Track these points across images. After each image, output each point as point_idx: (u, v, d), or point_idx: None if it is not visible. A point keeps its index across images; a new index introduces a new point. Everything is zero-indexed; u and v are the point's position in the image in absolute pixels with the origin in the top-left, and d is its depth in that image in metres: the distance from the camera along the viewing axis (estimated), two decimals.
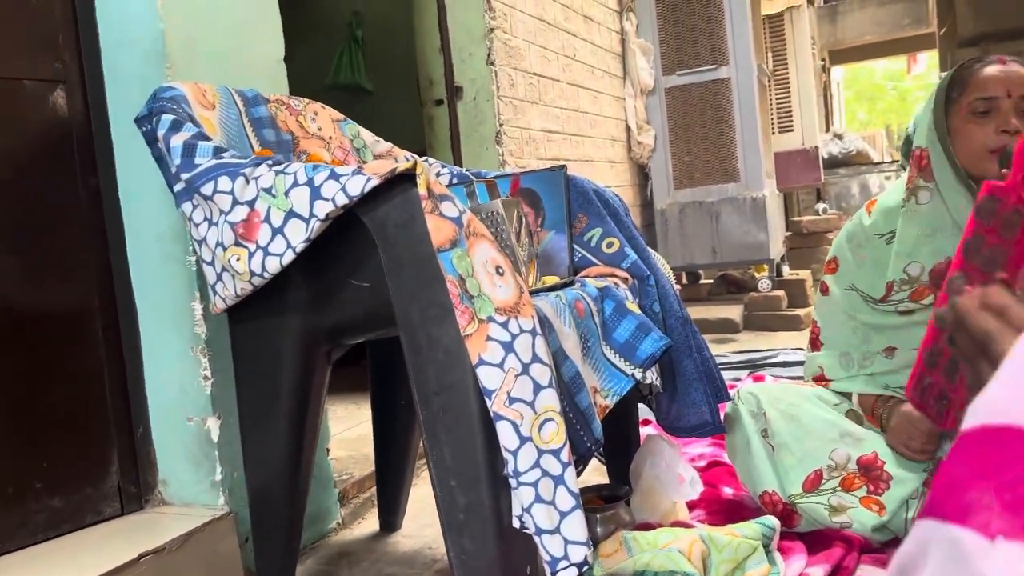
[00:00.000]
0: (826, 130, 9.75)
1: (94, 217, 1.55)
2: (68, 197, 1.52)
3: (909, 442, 1.51)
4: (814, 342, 1.74)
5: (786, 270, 4.91)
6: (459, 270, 1.11)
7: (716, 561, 1.34)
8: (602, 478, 1.90)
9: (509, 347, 1.10)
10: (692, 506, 1.71)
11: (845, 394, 1.65)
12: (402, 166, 1.12)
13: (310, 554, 1.69)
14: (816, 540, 1.51)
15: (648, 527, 1.53)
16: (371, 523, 1.85)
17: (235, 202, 1.22)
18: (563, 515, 1.11)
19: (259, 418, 1.38)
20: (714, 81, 4.29)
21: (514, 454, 1.09)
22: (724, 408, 1.68)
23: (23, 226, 1.46)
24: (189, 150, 1.27)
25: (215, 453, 1.54)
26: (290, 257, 1.19)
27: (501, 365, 1.10)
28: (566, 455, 1.12)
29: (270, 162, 1.24)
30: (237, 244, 1.23)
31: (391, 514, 1.79)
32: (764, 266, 4.39)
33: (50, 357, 1.47)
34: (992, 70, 1.42)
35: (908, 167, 1.54)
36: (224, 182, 1.22)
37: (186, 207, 1.29)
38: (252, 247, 1.22)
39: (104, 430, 1.54)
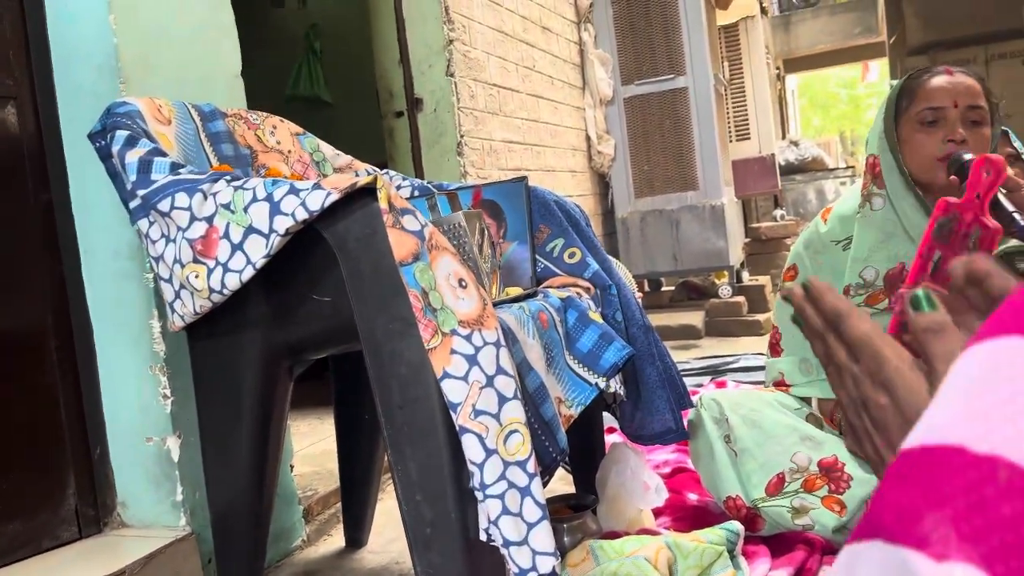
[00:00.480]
0: (782, 137, 9.93)
1: (47, 233, 1.52)
2: (19, 213, 1.49)
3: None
4: (774, 348, 1.77)
5: (746, 276, 4.98)
6: (421, 284, 1.11)
7: (682, 567, 1.35)
8: (569, 487, 1.90)
9: (473, 360, 1.10)
10: (658, 513, 1.72)
11: (805, 399, 1.68)
12: (363, 180, 1.12)
13: (275, 573, 1.67)
14: (780, 543, 1.53)
15: (615, 535, 1.54)
16: (337, 539, 1.83)
17: (193, 218, 1.21)
18: (530, 526, 1.11)
19: (220, 436, 1.36)
20: (672, 91, 4.34)
21: (480, 467, 1.09)
22: (687, 415, 1.70)
23: None
24: (145, 166, 1.25)
25: (176, 473, 1.51)
26: (250, 273, 1.18)
27: (465, 378, 1.10)
28: (532, 466, 1.12)
29: (228, 177, 1.22)
30: (196, 261, 1.21)
31: (357, 530, 1.77)
32: (724, 273, 4.45)
33: (1, 378, 1.44)
34: (939, 81, 1.46)
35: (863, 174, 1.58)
36: (181, 198, 1.21)
37: (142, 224, 1.27)
38: (211, 264, 1.20)
39: (60, 452, 1.51)
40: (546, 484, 1.26)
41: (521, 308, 1.34)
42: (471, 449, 1.09)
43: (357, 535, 1.78)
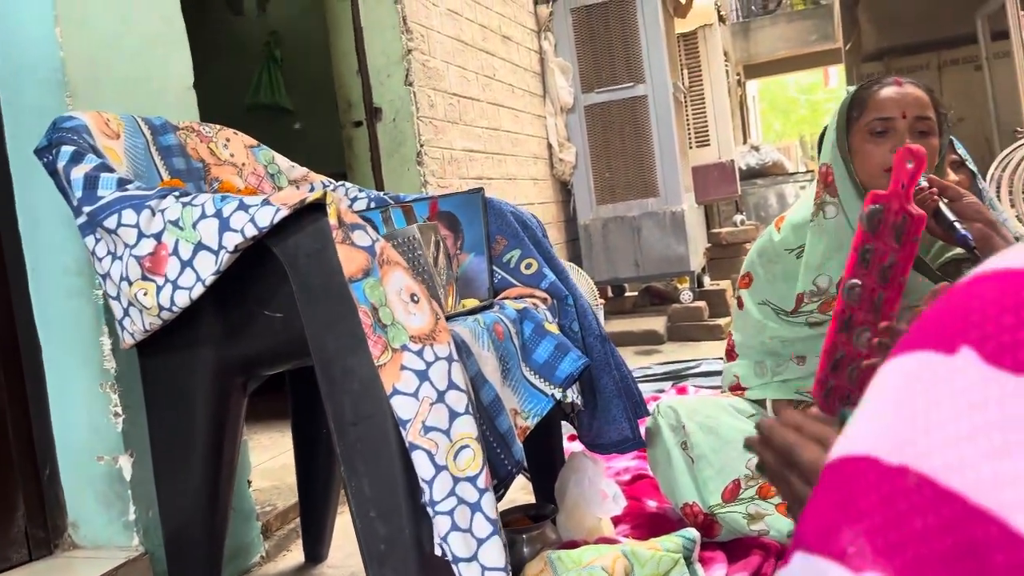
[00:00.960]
0: (743, 142, 10.06)
1: None
2: None
3: None
4: (730, 353, 1.79)
5: (707, 281, 5.03)
6: (371, 300, 1.11)
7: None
8: (530, 497, 1.91)
9: (424, 375, 1.10)
10: (617, 521, 1.73)
11: (760, 401, 1.70)
12: (311, 196, 1.11)
13: None
14: (736, 548, 1.55)
15: (574, 545, 1.54)
16: (296, 555, 1.81)
17: (141, 235, 1.19)
18: (480, 542, 1.11)
19: (173, 454, 1.34)
20: (631, 98, 4.38)
21: (430, 483, 1.09)
22: (644, 423, 1.71)
23: None
24: (91, 182, 1.24)
25: (128, 492, 1.49)
26: (200, 291, 1.17)
27: (415, 394, 1.10)
28: (483, 481, 1.12)
29: (177, 193, 1.21)
30: (144, 278, 1.20)
31: (316, 545, 1.76)
32: (685, 278, 4.49)
33: None
34: (888, 92, 1.48)
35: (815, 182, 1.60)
36: (128, 215, 1.19)
37: (89, 241, 1.25)
38: (160, 281, 1.19)
39: (8, 473, 1.48)
40: (501, 497, 1.26)
41: (476, 320, 1.35)
42: (421, 466, 1.09)
43: (316, 550, 1.76)
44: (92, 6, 1.54)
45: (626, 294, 5.05)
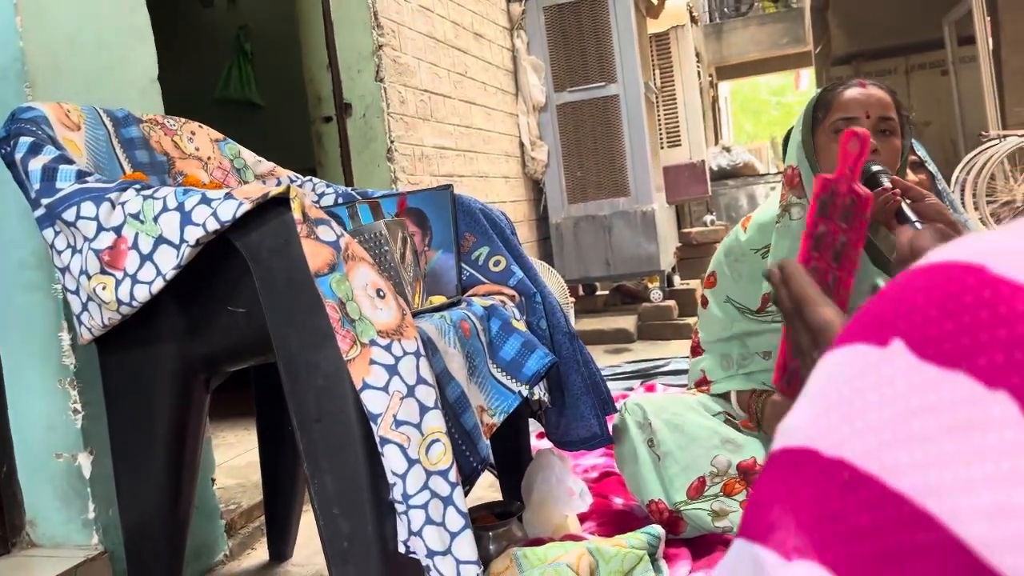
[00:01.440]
0: (715, 143, 10.14)
1: None
2: None
3: None
4: (695, 349, 1.81)
5: (677, 280, 5.07)
6: (338, 294, 1.10)
7: (604, 572, 1.37)
8: (497, 494, 1.91)
9: (393, 370, 1.10)
10: (584, 518, 1.74)
11: (725, 395, 1.71)
12: (275, 190, 1.10)
13: None
14: (701, 545, 1.56)
15: (540, 542, 1.54)
16: (260, 553, 1.79)
17: (100, 228, 1.17)
18: (453, 536, 1.11)
19: (133, 452, 1.32)
20: (603, 98, 4.39)
21: (402, 477, 1.09)
22: (612, 420, 1.71)
23: None
24: (49, 174, 1.21)
25: (87, 490, 1.46)
26: (160, 285, 1.15)
27: (386, 388, 1.09)
28: (454, 475, 1.12)
29: (138, 186, 1.19)
30: (103, 272, 1.18)
31: (281, 543, 1.74)
32: (656, 277, 4.52)
33: None
34: (853, 92, 1.50)
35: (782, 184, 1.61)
36: (88, 207, 1.17)
37: (47, 234, 1.23)
38: (119, 275, 1.17)
39: None
40: (467, 493, 1.25)
41: (443, 317, 1.34)
42: (393, 460, 1.08)
43: (281, 549, 1.75)
44: None
45: (597, 293, 5.07)
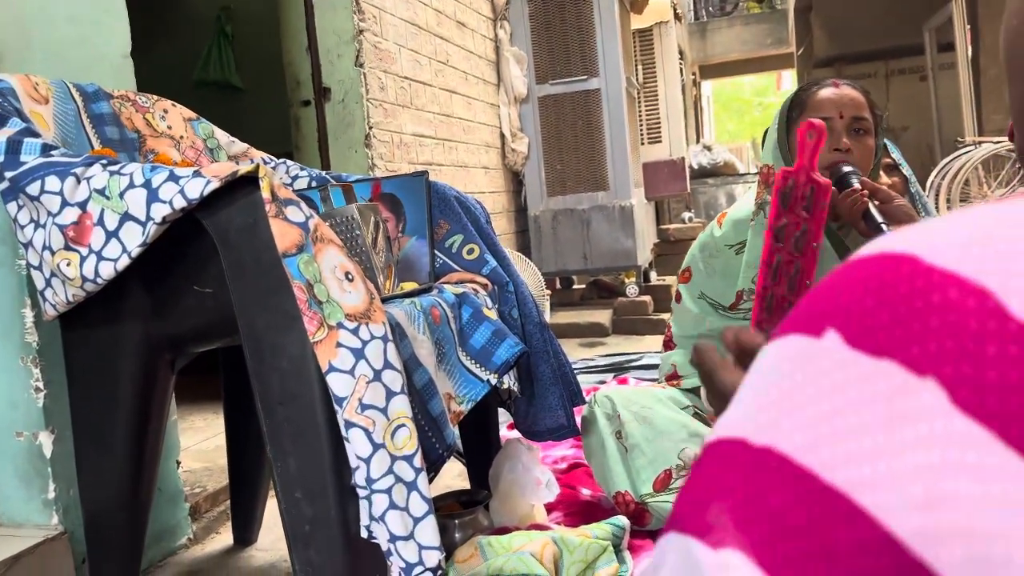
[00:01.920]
0: (696, 141, 10.17)
1: None
2: None
3: None
4: (667, 344, 1.82)
5: (654, 276, 5.08)
6: (306, 275, 1.09)
7: (567, 562, 1.37)
8: (465, 483, 1.90)
9: (360, 354, 1.09)
10: (550, 508, 1.74)
11: (695, 390, 1.72)
12: (244, 168, 1.09)
13: (156, 573, 1.61)
14: None
15: (506, 531, 1.54)
16: (225, 538, 1.78)
17: (65, 203, 1.15)
18: (416, 520, 1.11)
19: (95, 432, 1.30)
20: (584, 92, 4.39)
21: (367, 461, 1.08)
22: (580, 411, 1.72)
23: None
24: (14, 147, 1.19)
25: (48, 470, 1.44)
26: (125, 262, 1.14)
27: (352, 372, 1.09)
28: (418, 461, 1.11)
29: (104, 162, 1.17)
30: (67, 248, 1.16)
31: (245, 528, 1.73)
32: (632, 272, 4.53)
33: None
34: (826, 93, 1.52)
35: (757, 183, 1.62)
36: (52, 182, 1.15)
37: (11, 208, 1.21)
38: (84, 251, 1.15)
39: None
40: (432, 480, 1.25)
41: (412, 303, 1.33)
42: (357, 443, 1.08)
43: (246, 533, 1.74)
44: None
45: (574, 287, 5.08)
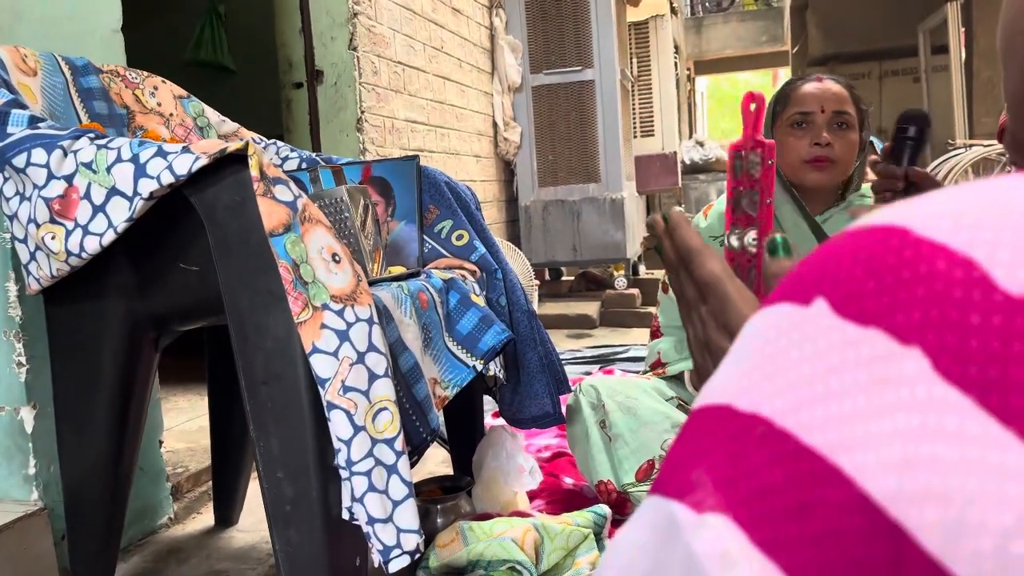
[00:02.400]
0: (689, 136, 10.18)
1: None
2: None
3: None
4: (654, 333, 1.83)
5: (642, 269, 5.09)
6: (292, 255, 1.08)
7: (548, 549, 1.38)
8: (449, 469, 1.91)
9: (344, 335, 1.09)
10: (533, 496, 1.75)
11: (679, 378, 1.73)
12: (232, 146, 1.08)
13: (136, 551, 1.61)
14: None
15: (488, 517, 1.55)
16: (206, 518, 1.78)
17: (51, 176, 1.14)
18: (396, 504, 1.11)
19: (77, 408, 1.30)
20: (579, 83, 4.38)
21: (347, 443, 1.08)
22: (565, 400, 1.72)
23: None
24: (1, 118, 1.18)
25: (28, 445, 1.43)
26: (111, 237, 1.13)
27: (335, 353, 1.08)
28: (400, 444, 1.11)
29: (92, 135, 1.16)
30: (52, 221, 1.15)
31: (227, 508, 1.73)
32: (621, 265, 4.54)
33: None
34: (809, 87, 1.54)
35: None
36: (39, 154, 1.14)
37: None
38: (70, 225, 1.14)
39: None
40: (416, 463, 1.25)
41: (400, 287, 1.33)
42: (338, 425, 1.08)
43: (227, 514, 1.73)
44: None
45: (563, 278, 5.08)
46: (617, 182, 4.42)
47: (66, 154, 1.14)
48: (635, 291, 4.47)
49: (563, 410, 1.69)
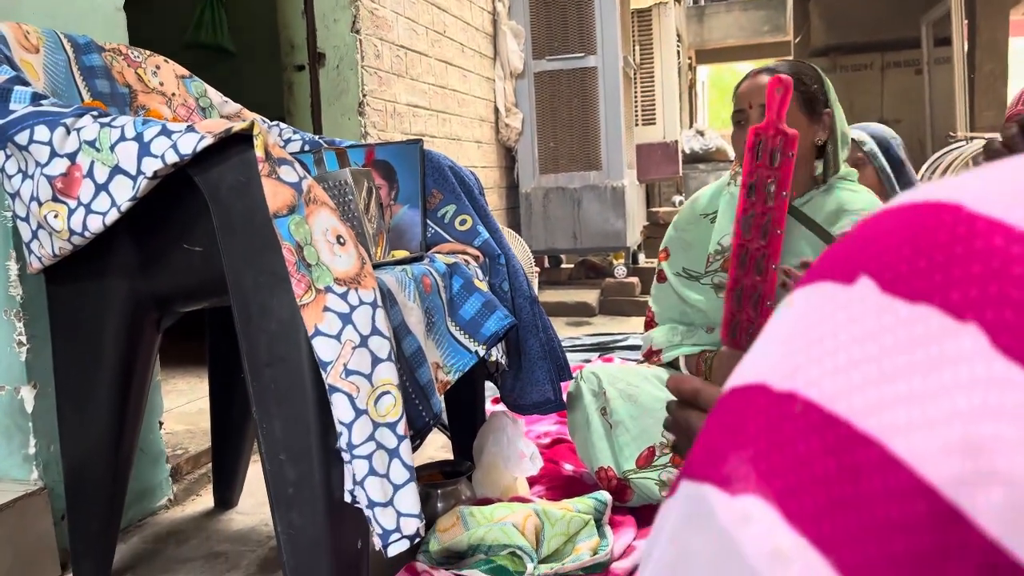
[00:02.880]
0: (690, 126, 10.14)
1: None
2: None
3: None
4: (649, 324, 1.84)
5: (642, 258, 5.09)
6: (296, 237, 1.08)
7: (548, 534, 1.38)
8: (450, 455, 1.91)
9: (347, 319, 1.08)
10: (533, 481, 1.75)
11: (675, 364, 1.74)
12: (238, 126, 1.07)
13: (135, 532, 1.61)
14: (647, 514, 1.58)
15: (488, 502, 1.55)
16: (206, 500, 1.77)
17: (54, 154, 1.13)
18: (396, 488, 1.11)
19: (77, 388, 1.29)
20: (581, 69, 4.36)
21: (349, 427, 1.08)
22: (567, 387, 1.72)
23: None
24: (3, 94, 1.17)
25: (29, 425, 1.43)
26: (114, 216, 1.12)
27: (338, 336, 1.08)
28: (402, 428, 1.11)
29: (95, 113, 1.15)
30: (55, 199, 1.14)
31: (227, 490, 1.73)
32: (621, 253, 4.53)
33: None
34: (743, 85, 1.60)
35: None
36: (41, 131, 1.13)
37: None
38: (72, 203, 1.13)
39: None
40: (418, 447, 1.25)
41: (404, 271, 1.32)
42: (340, 408, 1.07)
43: (227, 496, 1.73)
44: None
45: (563, 266, 5.07)
46: (618, 170, 4.40)
47: (69, 132, 1.13)
48: (634, 279, 4.46)
49: (564, 397, 1.69)
